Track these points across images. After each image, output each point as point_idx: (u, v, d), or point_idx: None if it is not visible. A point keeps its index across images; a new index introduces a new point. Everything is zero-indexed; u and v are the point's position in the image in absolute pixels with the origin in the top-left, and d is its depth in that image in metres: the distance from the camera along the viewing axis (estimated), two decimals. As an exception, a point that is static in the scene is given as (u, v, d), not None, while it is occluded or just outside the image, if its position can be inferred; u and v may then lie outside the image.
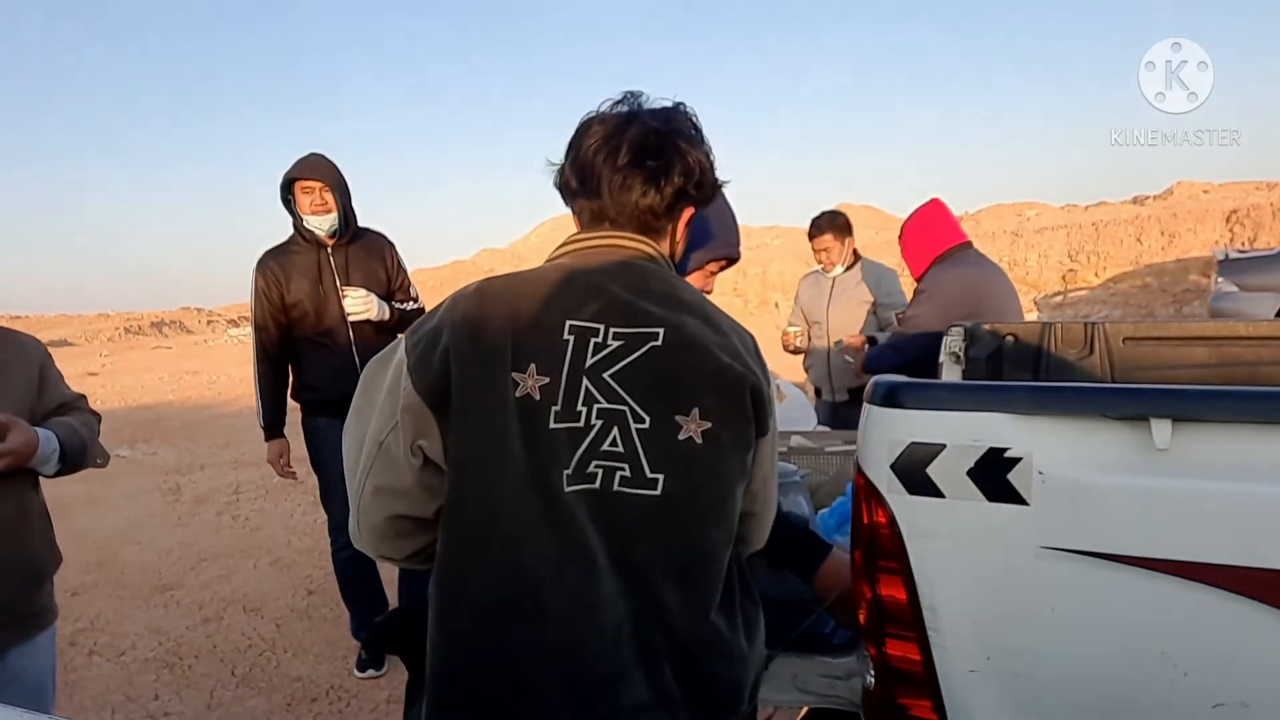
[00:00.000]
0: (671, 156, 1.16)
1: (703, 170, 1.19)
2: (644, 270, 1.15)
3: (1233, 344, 2.71)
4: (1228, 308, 8.56)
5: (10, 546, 1.69)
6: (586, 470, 1.05)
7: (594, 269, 1.14)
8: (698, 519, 1.08)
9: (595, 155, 1.16)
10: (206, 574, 4.39)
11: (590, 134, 1.18)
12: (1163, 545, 1.13)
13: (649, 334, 1.08)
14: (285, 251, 3.06)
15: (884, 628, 1.30)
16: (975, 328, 3.10)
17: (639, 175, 1.15)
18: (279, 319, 3.04)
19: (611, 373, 1.06)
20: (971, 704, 1.25)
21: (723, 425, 1.08)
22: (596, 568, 1.05)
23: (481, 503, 1.06)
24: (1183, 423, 1.12)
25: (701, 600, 1.08)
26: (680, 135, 1.17)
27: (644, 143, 1.15)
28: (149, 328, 26.39)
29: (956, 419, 1.21)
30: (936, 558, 1.24)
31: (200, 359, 17.09)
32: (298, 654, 3.39)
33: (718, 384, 1.08)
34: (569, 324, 1.08)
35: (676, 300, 1.13)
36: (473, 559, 1.07)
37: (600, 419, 1.06)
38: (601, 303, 1.10)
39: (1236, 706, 1.13)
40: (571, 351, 1.07)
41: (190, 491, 6.21)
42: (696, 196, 1.21)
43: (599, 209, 1.18)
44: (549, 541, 1.05)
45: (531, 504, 1.05)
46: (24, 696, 1.70)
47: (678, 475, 1.06)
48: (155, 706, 3.03)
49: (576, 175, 1.19)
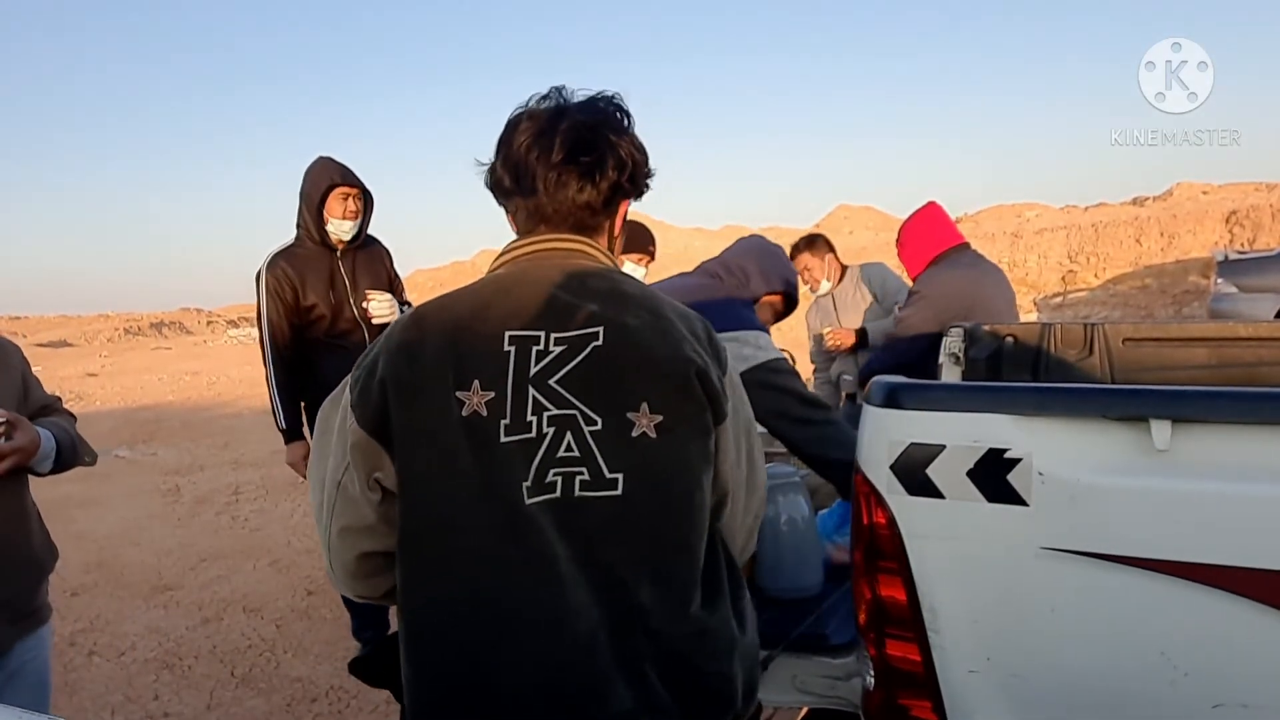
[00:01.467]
0: (604, 150, 1.14)
1: (635, 162, 1.18)
2: (582, 270, 1.14)
3: (1232, 345, 2.72)
4: (1227, 309, 8.55)
5: (14, 544, 1.72)
6: (546, 480, 1.03)
7: (530, 275, 1.13)
8: (662, 514, 1.05)
9: (528, 153, 1.14)
10: (206, 574, 4.38)
11: (521, 130, 1.15)
12: (1162, 546, 1.13)
13: (590, 334, 1.06)
14: (294, 254, 3.04)
15: (884, 628, 1.30)
16: (975, 329, 3.10)
17: (574, 171, 1.13)
18: (292, 319, 3.02)
19: (557, 379, 1.05)
20: (971, 704, 1.25)
21: (675, 416, 1.05)
22: (564, 577, 1.02)
23: (436, 528, 1.05)
24: (1182, 424, 1.12)
25: (679, 597, 1.05)
26: (610, 128, 1.16)
27: (577, 137, 1.13)
28: (149, 328, 26.38)
29: (956, 420, 1.21)
30: (936, 558, 1.24)
31: (200, 360, 17.09)
32: (297, 654, 3.39)
33: (664, 375, 1.06)
34: (509, 335, 1.07)
35: (618, 295, 1.11)
36: (432, 586, 1.06)
37: (552, 426, 1.03)
38: (540, 309, 1.09)
39: (1236, 706, 1.13)
40: (514, 362, 1.06)
41: (190, 492, 6.20)
42: (631, 189, 1.20)
43: (535, 207, 1.16)
44: (511, 558, 1.03)
45: (489, 522, 1.03)
46: (26, 690, 1.73)
47: (637, 473, 1.04)
48: (155, 707, 3.03)
49: (510, 174, 1.17)
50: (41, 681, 1.79)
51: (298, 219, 3.07)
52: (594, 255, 1.17)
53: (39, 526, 1.81)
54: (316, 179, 3.00)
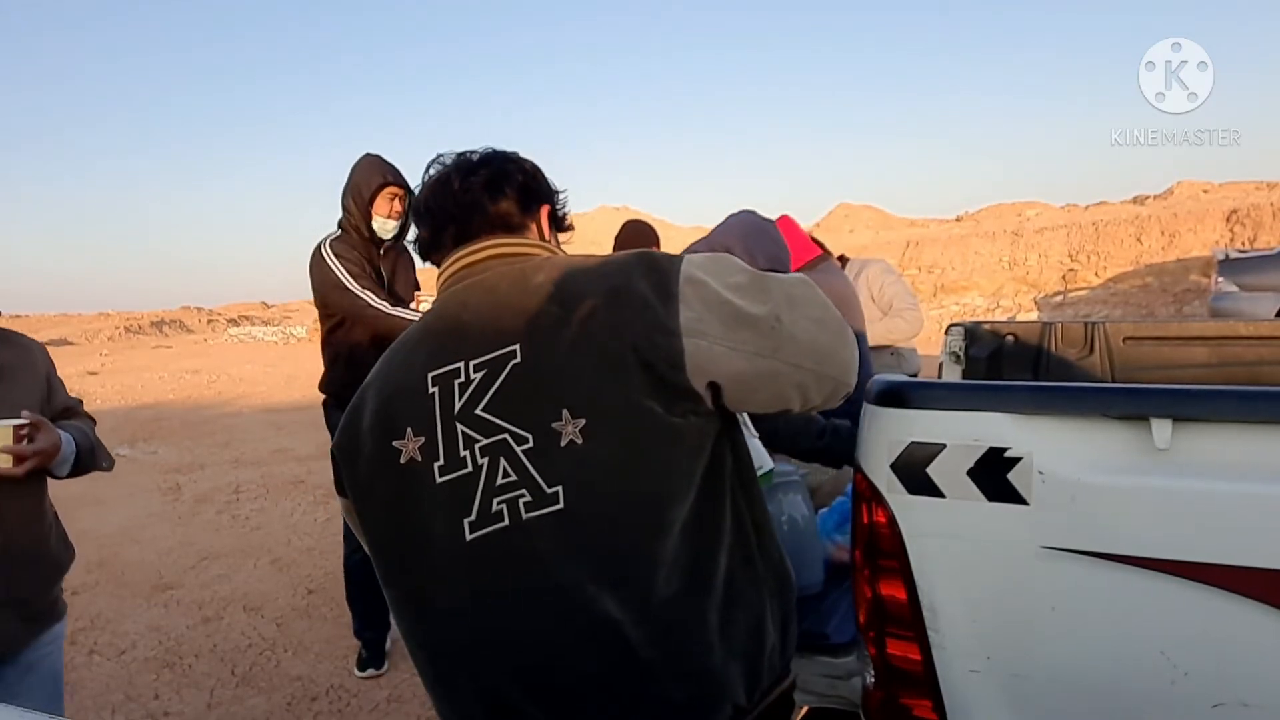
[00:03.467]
0: (499, 163, 1.21)
1: (537, 172, 1.25)
2: (494, 279, 1.13)
3: (1233, 344, 2.72)
4: (1228, 307, 8.55)
5: (33, 544, 1.74)
6: (491, 511, 1.02)
7: (449, 306, 1.15)
8: (610, 520, 1.01)
9: (433, 197, 1.21)
10: (207, 573, 4.39)
11: (421, 194, 1.23)
12: (1163, 545, 1.12)
13: (507, 354, 1.05)
14: (345, 244, 3.06)
15: (884, 627, 1.30)
16: (974, 327, 3.10)
17: (478, 184, 1.18)
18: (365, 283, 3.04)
19: (482, 406, 1.04)
20: (971, 704, 1.25)
21: (600, 413, 1.00)
22: (523, 605, 1.01)
23: (389, 571, 1.13)
24: (1183, 422, 1.12)
25: (649, 599, 1.01)
26: (499, 154, 1.24)
27: (469, 166, 1.20)
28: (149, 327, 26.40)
29: (956, 419, 1.21)
30: (936, 558, 1.24)
31: (201, 358, 17.09)
32: (298, 653, 3.39)
33: (581, 372, 1.01)
34: (431, 376, 1.08)
35: (528, 292, 1.08)
36: (404, 625, 1.13)
37: (485, 456, 1.03)
38: (456, 340, 1.09)
39: (1236, 706, 1.13)
40: (439, 403, 1.07)
41: (190, 491, 6.21)
42: (543, 192, 1.24)
43: (459, 231, 1.19)
44: (461, 594, 1.05)
45: (433, 562, 1.06)
46: (40, 686, 1.76)
47: (575, 482, 1.00)
48: (155, 706, 3.03)
49: (427, 224, 1.22)
50: (55, 677, 1.82)
51: (342, 214, 3.07)
52: (513, 251, 1.17)
53: (56, 526, 1.84)
54: (368, 176, 3.02)
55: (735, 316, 1.03)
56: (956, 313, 15.44)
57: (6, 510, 1.67)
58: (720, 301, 1.03)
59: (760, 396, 1.06)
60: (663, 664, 1.01)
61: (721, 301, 1.03)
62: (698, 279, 1.04)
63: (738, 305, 1.03)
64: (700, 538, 1.04)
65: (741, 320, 1.03)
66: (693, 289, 1.03)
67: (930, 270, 18.08)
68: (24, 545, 1.71)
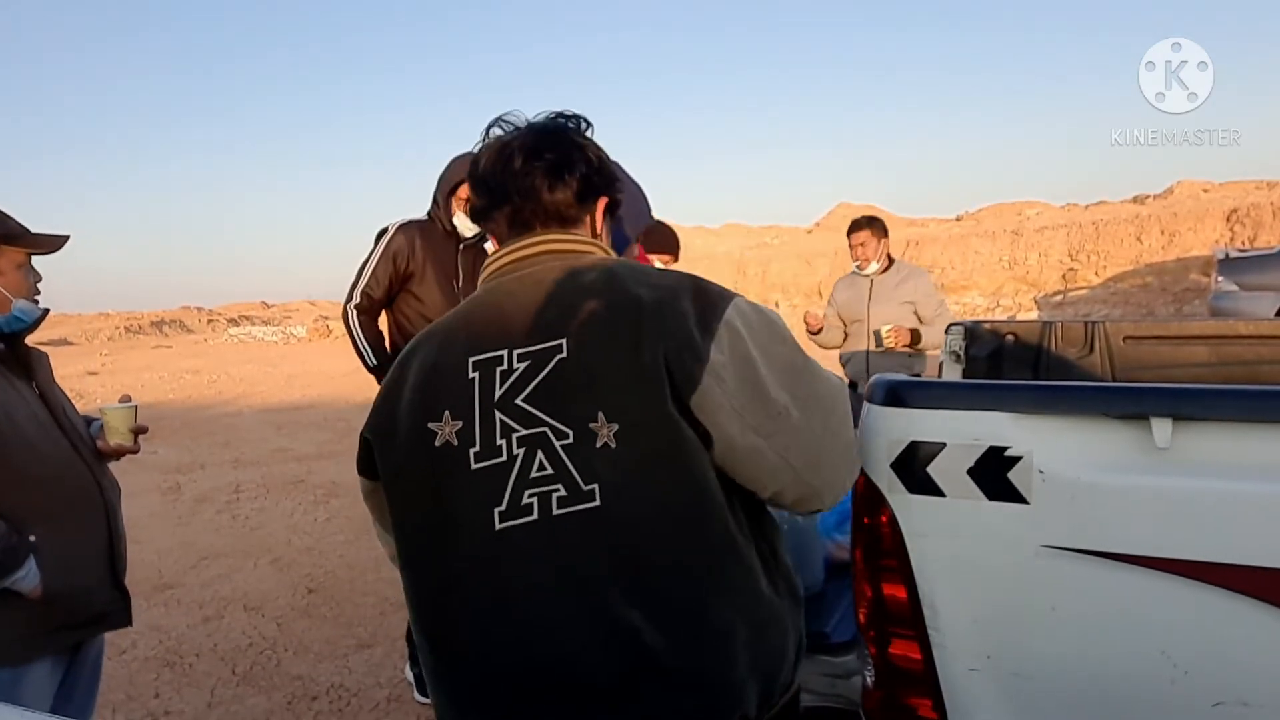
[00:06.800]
0: (568, 148, 1.16)
1: (601, 161, 1.19)
2: (545, 273, 1.12)
3: (1233, 343, 2.72)
4: (1228, 307, 8.55)
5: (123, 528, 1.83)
6: (521, 503, 1.02)
7: (496, 294, 1.14)
8: (639, 525, 1.01)
9: (493, 165, 1.16)
10: (207, 573, 4.39)
11: (483, 153, 1.19)
12: (1163, 544, 1.13)
13: (553, 348, 1.05)
14: (426, 231, 2.97)
15: (884, 626, 1.30)
16: (975, 326, 3.10)
17: (539, 170, 1.14)
18: (394, 284, 2.95)
19: (524, 397, 1.04)
20: (972, 703, 1.25)
21: (630, 420, 1.01)
22: (546, 600, 1.01)
23: (415, 555, 1.11)
24: (1183, 422, 1.12)
25: (670, 607, 1.01)
26: (569, 132, 1.18)
27: (535, 144, 1.15)
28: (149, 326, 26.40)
29: (957, 418, 1.21)
30: (937, 557, 1.24)
31: (201, 358, 17.10)
32: (298, 652, 3.39)
33: (618, 375, 1.02)
34: (472, 361, 1.08)
35: (578, 291, 1.08)
36: (421, 615, 1.12)
37: (522, 447, 1.03)
38: (502, 328, 1.09)
39: (1236, 705, 1.13)
40: (479, 389, 1.06)
41: (190, 490, 6.21)
42: (603, 185, 1.20)
43: (513, 214, 1.17)
44: (485, 584, 1.04)
45: (460, 549, 1.05)
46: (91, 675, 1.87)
47: (609, 483, 1.00)
48: (156, 705, 3.03)
49: (482, 192, 1.19)
50: (99, 663, 1.91)
51: (431, 203, 3.00)
52: (566, 247, 1.16)
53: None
54: (455, 170, 2.93)
55: (753, 384, 1.03)
56: (956, 312, 15.42)
57: (114, 494, 1.79)
58: (747, 360, 1.03)
59: (739, 469, 1.06)
60: (684, 673, 1.01)
61: (748, 361, 1.03)
62: (736, 328, 1.04)
63: (761, 375, 1.04)
64: (733, 551, 1.05)
65: (756, 391, 1.03)
66: (729, 335, 1.03)
67: (930, 269, 18.07)
68: (123, 529, 1.81)
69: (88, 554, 1.70)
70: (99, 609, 1.74)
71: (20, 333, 1.69)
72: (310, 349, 19.80)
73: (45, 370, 1.75)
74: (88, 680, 1.84)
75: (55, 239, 1.71)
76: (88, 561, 1.69)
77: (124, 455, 1.79)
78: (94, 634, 1.81)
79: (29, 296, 1.67)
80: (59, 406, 1.72)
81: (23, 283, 1.66)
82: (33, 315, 1.68)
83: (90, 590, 1.70)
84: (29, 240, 1.66)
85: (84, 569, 1.68)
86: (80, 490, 1.69)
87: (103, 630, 1.82)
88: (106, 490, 1.75)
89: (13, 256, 1.64)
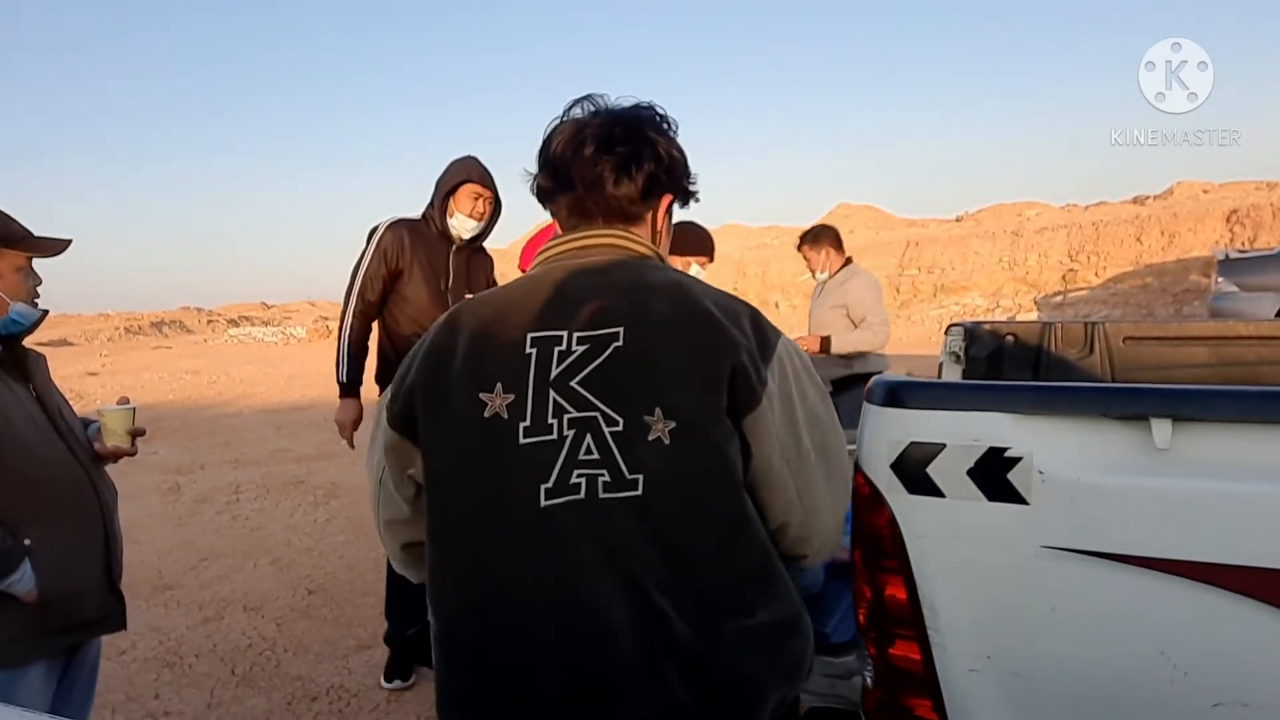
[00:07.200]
0: (639, 144, 1.16)
1: (673, 158, 1.19)
2: (610, 264, 1.14)
3: (1233, 344, 2.72)
4: (1228, 308, 8.55)
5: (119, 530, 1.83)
6: (569, 481, 1.03)
7: (558, 275, 1.14)
8: (680, 520, 1.04)
9: (564, 150, 1.16)
10: (207, 573, 4.38)
11: (558, 133, 1.18)
12: (1163, 545, 1.13)
13: (611, 334, 1.06)
14: (417, 230, 2.98)
15: (884, 627, 1.30)
16: (975, 327, 3.10)
17: (609, 163, 1.14)
18: (386, 283, 2.95)
19: (579, 379, 1.05)
20: (971, 703, 1.25)
21: (688, 422, 1.03)
22: (584, 579, 1.02)
23: (456, 527, 1.09)
24: (1183, 422, 1.12)
25: (702, 602, 1.04)
26: (647, 125, 1.18)
27: (610, 133, 1.15)
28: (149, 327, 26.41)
29: (957, 418, 1.21)
30: (936, 557, 1.24)
31: (200, 358, 17.10)
32: (298, 653, 3.39)
33: (681, 377, 1.04)
34: (531, 336, 1.08)
35: (644, 288, 1.10)
36: (455, 584, 1.10)
37: (572, 429, 1.04)
38: (563, 308, 1.09)
39: (1236, 706, 1.13)
40: (535, 365, 1.06)
41: (190, 491, 6.20)
42: (669, 183, 1.20)
43: (575, 202, 1.17)
44: (524, 558, 1.04)
45: (505, 523, 1.05)
46: (88, 677, 1.87)
47: (655, 476, 1.03)
48: (155, 705, 3.03)
49: (549, 174, 1.19)
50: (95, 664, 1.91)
51: (428, 203, 3.00)
52: (630, 246, 1.17)
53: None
54: (455, 172, 2.94)
55: (791, 420, 1.09)
56: (956, 313, 15.45)
57: (111, 496, 1.79)
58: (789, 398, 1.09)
59: (761, 493, 1.09)
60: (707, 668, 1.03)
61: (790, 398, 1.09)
62: (785, 364, 1.10)
63: (798, 414, 1.09)
64: (766, 557, 1.09)
65: (793, 426, 1.08)
66: (779, 368, 1.09)
67: (930, 270, 18.09)
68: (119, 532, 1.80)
69: (84, 557, 1.69)
70: (94, 613, 1.74)
71: (17, 335, 1.69)
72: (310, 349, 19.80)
73: (42, 372, 1.75)
74: (85, 682, 1.84)
75: (57, 243, 1.70)
76: (84, 565, 1.69)
77: (121, 458, 1.79)
78: (89, 637, 1.81)
79: (28, 300, 1.67)
80: (56, 409, 1.72)
81: (21, 285, 1.65)
82: (30, 318, 1.68)
83: (86, 594, 1.70)
84: (30, 244, 1.66)
85: (80, 572, 1.68)
86: (77, 493, 1.69)
87: (98, 634, 1.81)
88: (103, 493, 1.75)
89: (12, 260, 1.64)
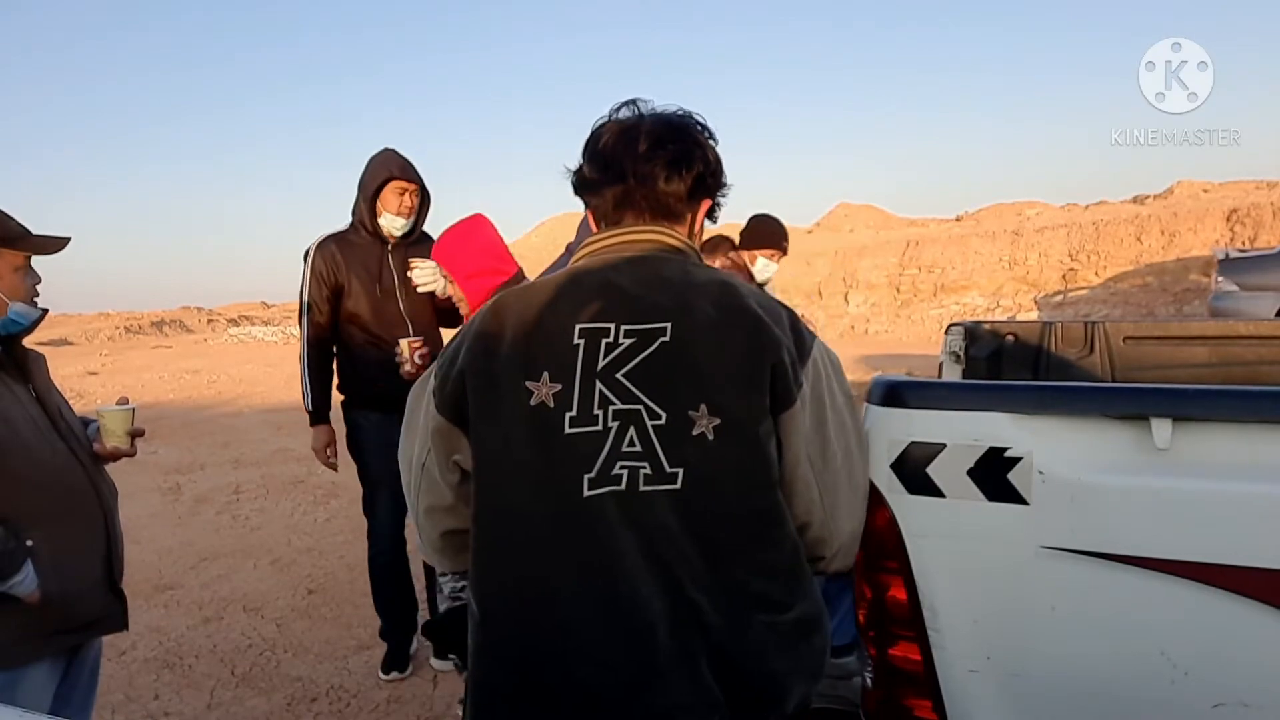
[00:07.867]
0: (690, 145, 1.18)
1: (718, 164, 1.22)
2: (656, 260, 1.15)
3: (1233, 343, 2.72)
4: (1228, 307, 8.55)
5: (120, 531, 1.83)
6: (611, 472, 1.05)
7: (604, 268, 1.15)
8: (717, 515, 1.06)
9: (615, 146, 1.18)
10: (206, 574, 4.38)
11: (606, 132, 1.20)
12: (1163, 545, 1.13)
13: (658, 329, 1.08)
14: (346, 241, 2.97)
15: (885, 627, 1.30)
16: (975, 327, 3.10)
17: (661, 160, 1.16)
18: (333, 304, 2.96)
19: (624, 372, 1.07)
20: (971, 703, 1.25)
21: (732, 418, 1.06)
22: (625, 569, 1.04)
23: (496, 513, 1.10)
24: (1183, 422, 1.12)
25: (734, 597, 1.06)
26: (695, 128, 1.21)
27: (661, 133, 1.17)
28: (149, 327, 26.41)
29: (957, 418, 1.21)
30: (937, 558, 1.24)
31: (200, 358, 17.09)
32: (298, 654, 3.39)
33: (726, 374, 1.07)
34: (579, 328, 1.09)
35: (690, 286, 1.12)
36: (498, 569, 1.11)
37: (617, 420, 1.06)
38: (610, 301, 1.11)
39: (1236, 706, 1.13)
40: (583, 356, 1.08)
41: (190, 491, 6.20)
42: (713, 187, 1.23)
43: (624, 194, 1.18)
44: (568, 547, 1.06)
45: (548, 511, 1.06)
46: (89, 677, 1.87)
47: (695, 470, 1.05)
48: (155, 706, 3.03)
49: (596, 167, 1.20)
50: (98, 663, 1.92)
51: (353, 207, 2.98)
52: (675, 244, 1.18)
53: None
54: (375, 170, 2.92)
55: (821, 422, 1.11)
56: (956, 312, 15.44)
57: (111, 496, 1.79)
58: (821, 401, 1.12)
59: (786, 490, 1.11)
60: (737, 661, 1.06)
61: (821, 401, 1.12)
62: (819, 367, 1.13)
63: (828, 416, 1.12)
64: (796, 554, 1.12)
65: (821, 429, 1.11)
66: (813, 371, 1.12)
67: (930, 270, 18.08)
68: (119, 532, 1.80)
69: (85, 558, 1.69)
70: (96, 613, 1.74)
71: (17, 335, 1.68)
72: (310, 349, 19.72)
73: (42, 372, 1.74)
74: (86, 683, 1.84)
75: (55, 241, 1.70)
76: (85, 565, 1.69)
77: (121, 458, 1.79)
78: (90, 638, 1.81)
79: (27, 299, 1.66)
80: (56, 409, 1.71)
81: (20, 285, 1.65)
82: (29, 318, 1.68)
83: (87, 594, 1.70)
84: (28, 243, 1.66)
85: (81, 573, 1.68)
86: (77, 494, 1.69)
87: (99, 634, 1.82)
88: (104, 493, 1.75)
89: (11, 259, 1.63)
